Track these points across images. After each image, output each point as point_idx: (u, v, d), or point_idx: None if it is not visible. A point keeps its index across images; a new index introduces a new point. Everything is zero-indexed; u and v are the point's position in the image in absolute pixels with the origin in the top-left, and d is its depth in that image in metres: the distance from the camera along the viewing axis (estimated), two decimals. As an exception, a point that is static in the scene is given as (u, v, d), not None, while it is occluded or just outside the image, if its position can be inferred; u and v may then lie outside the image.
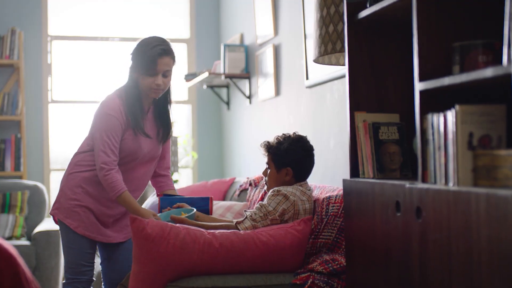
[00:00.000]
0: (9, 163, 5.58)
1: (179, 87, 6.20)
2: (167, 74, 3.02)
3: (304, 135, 4.08)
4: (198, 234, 2.71)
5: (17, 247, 4.82)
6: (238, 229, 2.86)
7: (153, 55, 2.95)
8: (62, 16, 6.03)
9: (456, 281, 1.79)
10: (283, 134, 3.11)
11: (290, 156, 3.03)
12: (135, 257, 2.68)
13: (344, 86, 3.48)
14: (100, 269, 3.21)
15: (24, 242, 4.95)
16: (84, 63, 6.07)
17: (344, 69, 3.36)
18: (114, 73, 6.11)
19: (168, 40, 3.06)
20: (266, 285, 2.72)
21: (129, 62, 3.07)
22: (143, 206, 3.91)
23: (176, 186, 5.55)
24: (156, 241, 2.64)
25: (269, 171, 3.09)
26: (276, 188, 2.96)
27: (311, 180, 3.93)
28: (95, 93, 6.03)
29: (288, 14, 4.38)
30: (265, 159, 3.11)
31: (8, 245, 1.44)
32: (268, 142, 3.10)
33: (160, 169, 3.20)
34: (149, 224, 2.66)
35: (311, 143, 3.98)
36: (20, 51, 5.58)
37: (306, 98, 4.06)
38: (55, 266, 4.87)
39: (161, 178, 3.21)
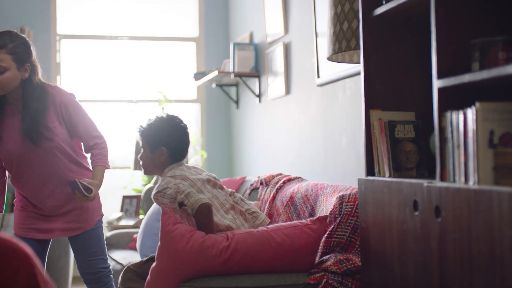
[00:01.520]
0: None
1: (188, 86, 6.19)
2: (0, 70, 2.93)
3: (315, 134, 4.07)
4: (219, 240, 2.70)
5: (27, 246, 4.80)
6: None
7: None
8: (71, 15, 6.02)
9: (478, 283, 1.76)
10: (155, 116, 3.05)
11: (163, 135, 2.97)
12: (157, 251, 2.73)
13: (356, 84, 3.45)
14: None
15: (33, 241, 4.94)
16: (93, 62, 6.06)
17: (357, 67, 3.34)
18: (123, 72, 6.10)
19: (7, 34, 2.97)
20: (279, 285, 2.70)
21: None
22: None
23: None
24: (176, 239, 2.65)
25: (143, 154, 3.03)
26: (161, 189, 2.86)
27: (323, 179, 3.91)
28: (104, 92, 6.03)
29: (299, 12, 4.35)
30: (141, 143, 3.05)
31: (24, 245, 1.42)
32: (141, 125, 3.04)
33: (86, 152, 3.18)
34: (177, 223, 2.70)
35: (322, 141, 3.96)
36: (29, 50, 5.57)
37: (317, 96, 4.03)
38: (64, 266, 4.86)
39: (91, 160, 3.16)
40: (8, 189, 5.24)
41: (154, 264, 2.73)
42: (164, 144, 2.97)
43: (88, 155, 3.20)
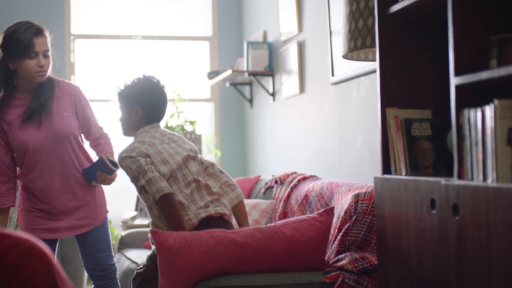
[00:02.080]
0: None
1: (202, 85, 6.19)
2: (47, 54, 3.00)
3: (329, 132, 4.06)
4: (222, 236, 2.68)
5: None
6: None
7: (29, 36, 2.93)
8: (85, 14, 6.04)
9: (497, 281, 1.74)
10: (132, 77, 3.04)
11: (137, 94, 2.95)
12: (160, 269, 2.63)
13: (371, 82, 3.44)
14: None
15: (49, 240, 4.96)
16: (107, 61, 6.08)
17: (371, 65, 3.32)
18: (137, 71, 6.11)
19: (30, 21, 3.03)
20: (295, 283, 2.69)
21: None
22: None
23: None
24: (180, 251, 2.59)
25: (121, 115, 3.01)
26: (127, 157, 2.84)
27: (337, 178, 3.90)
28: (118, 92, 6.04)
29: (313, 10, 4.33)
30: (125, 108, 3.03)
31: (42, 244, 1.42)
32: (118, 86, 3.03)
33: (92, 144, 3.24)
34: (170, 236, 2.62)
35: (336, 140, 3.95)
36: (44, 50, 5.59)
37: (332, 95, 4.02)
38: (80, 265, 4.87)
39: (96, 150, 3.23)
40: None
41: (161, 283, 2.64)
42: (138, 103, 2.94)
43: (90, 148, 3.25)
